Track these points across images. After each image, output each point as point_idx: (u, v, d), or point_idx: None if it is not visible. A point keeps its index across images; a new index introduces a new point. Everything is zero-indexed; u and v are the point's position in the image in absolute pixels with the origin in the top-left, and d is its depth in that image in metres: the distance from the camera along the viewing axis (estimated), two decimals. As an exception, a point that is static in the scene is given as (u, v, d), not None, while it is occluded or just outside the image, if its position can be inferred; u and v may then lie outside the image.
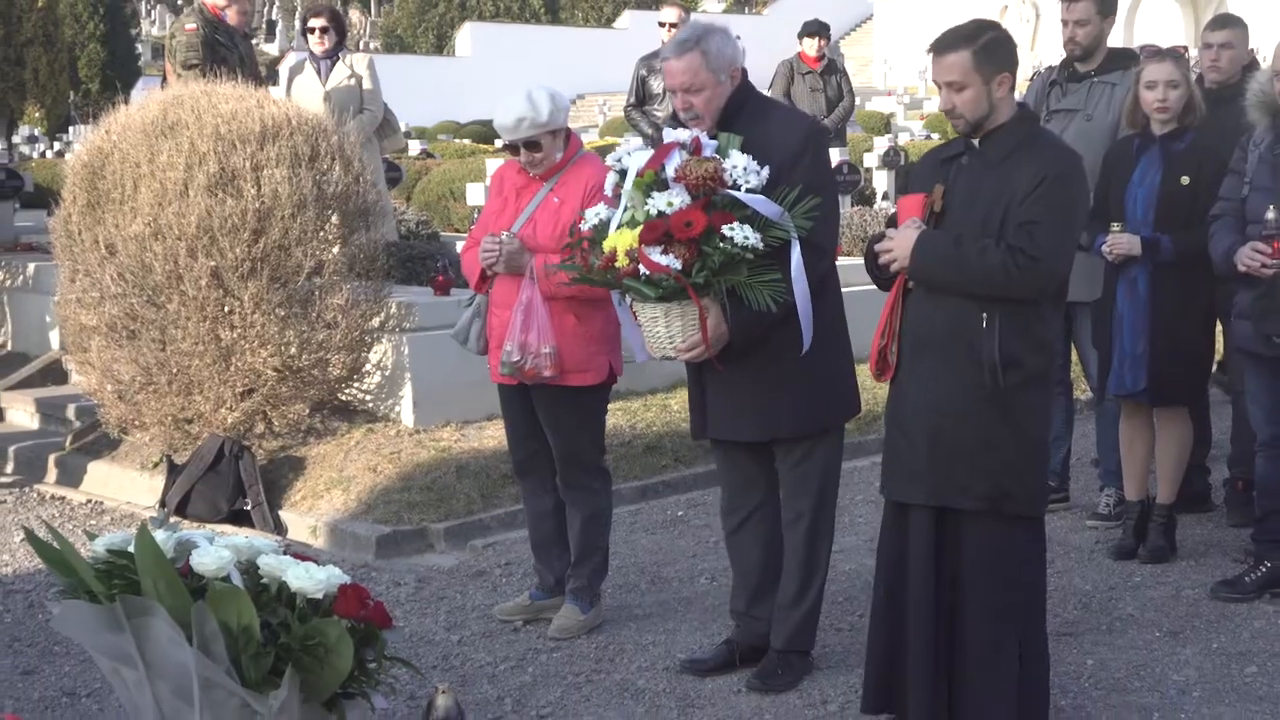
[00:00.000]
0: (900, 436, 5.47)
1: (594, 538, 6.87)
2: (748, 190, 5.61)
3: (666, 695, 6.12)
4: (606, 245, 5.74)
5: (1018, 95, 5.62)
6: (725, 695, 6.09)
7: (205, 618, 4.82)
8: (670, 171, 5.65)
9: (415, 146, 24.19)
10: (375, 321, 9.52)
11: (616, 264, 5.65)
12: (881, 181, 16.33)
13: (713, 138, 5.78)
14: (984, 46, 5.28)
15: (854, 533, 8.17)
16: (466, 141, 30.84)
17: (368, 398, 9.66)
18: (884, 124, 29.63)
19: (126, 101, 11.38)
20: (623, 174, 5.85)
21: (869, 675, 5.59)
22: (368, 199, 9.75)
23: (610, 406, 7.09)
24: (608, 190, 5.97)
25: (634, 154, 5.88)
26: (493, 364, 6.73)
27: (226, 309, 9.03)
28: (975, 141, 5.36)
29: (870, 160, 16.34)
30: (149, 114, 9.56)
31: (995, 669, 5.35)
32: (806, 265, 5.69)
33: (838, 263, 11.03)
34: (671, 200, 5.58)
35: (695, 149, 5.69)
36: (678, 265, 5.51)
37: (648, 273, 5.55)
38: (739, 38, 6.25)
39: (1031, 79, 8.30)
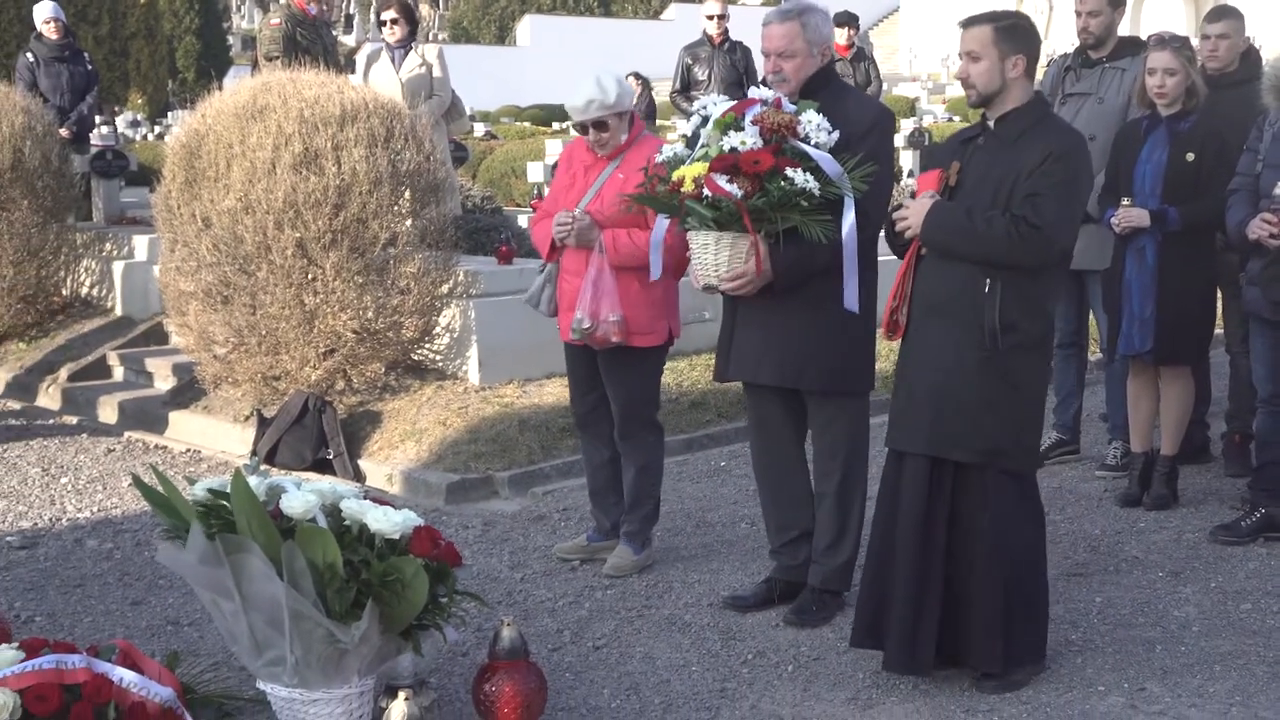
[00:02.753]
0: (906, 391, 5.49)
1: (647, 487, 6.89)
2: (816, 145, 5.61)
3: (710, 629, 6.13)
4: (675, 174, 5.74)
5: (1035, 82, 5.61)
6: (764, 629, 6.10)
7: (294, 555, 4.85)
8: (749, 119, 5.65)
9: (479, 129, 24.18)
10: (444, 288, 9.52)
11: (682, 189, 5.65)
12: (907, 160, 16.26)
13: (786, 99, 5.78)
14: (1005, 27, 5.34)
15: (875, 482, 8.13)
16: (526, 124, 30.82)
17: (437, 358, 9.68)
18: (909, 107, 29.48)
19: (219, 88, 11.41)
20: (705, 119, 5.84)
21: (859, 611, 5.60)
22: (437, 176, 9.76)
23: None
24: (687, 128, 6.00)
25: (718, 104, 5.88)
26: (562, 325, 6.75)
27: (310, 276, 9.05)
28: (991, 123, 5.37)
29: (897, 141, 16.26)
30: (240, 99, 9.58)
31: (984, 610, 5.33)
32: (855, 224, 5.66)
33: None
34: (745, 140, 5.59)
35: (777, 105, 5.71)
36: (739, 193, 5.51)
37: (710, 195, 5.55)
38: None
39: (1047, 65, 8.24)
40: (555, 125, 30.11)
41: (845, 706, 5.34)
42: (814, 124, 5.66)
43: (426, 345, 9.63)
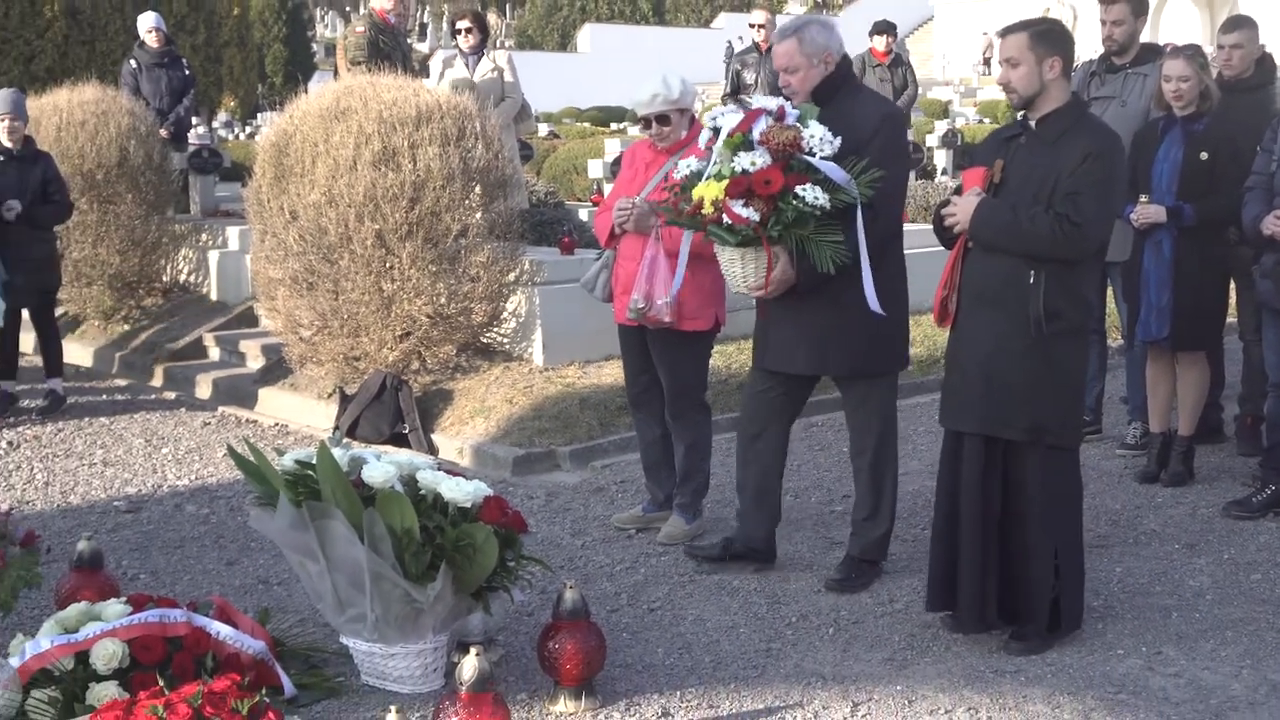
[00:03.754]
0: (958, 375, 5.48)
1: (697, 462, 6.87)
2: (821, 158, 5.57)
3: (757, 593, 6.11)
4: (695, 193, 5.70)
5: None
6: (807, 594, 6.08)
7: (375, 521, 4.88)
8: (756, 135, 5.61)
9: (543, 129, 24.17)
10: (511, 276, 9.53)
11: (703, 211, 5.63)
12: (941, 159, 16.21)
13: (789, 107, 5.74)
14: (1040, 32, 5.32)
15: (916, 459, 8.11)
16: (586, 125, 30.81)
17: (505, 340, 9.69)
18: (943, 110, 29.39)
19: (305, 92, 11.44)
20: (715, 131, 5.80)
21: (932, 579, 5.62)
22: (505, 173, 9.77)
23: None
24: (701, 144, 5.92)
25: (726, 115, 5.83)
26: (618, 308, 6.74)
27: (388, 265, 9.07)
28: (1032, 123, 5.34)
29: (931, 140, 16.23)
30: (324, 102, 9.61)
31: (1038, 573, 5.38)
32: (865, 228, 5.63)
33: (905, 228, 10.97)
34: (755, 160, 5.55)
35: (779, 116, 5.66)
36: (756, 217, 5.50)
37: (730, 221, 5.54)
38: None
39: (1075, 70, 8.21)
40: (613, 126, 30.10)
41: (882, 666, 5.32)
42: (817, 137, 5.60)
43: (494, 329, 9.64)
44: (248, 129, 34.96)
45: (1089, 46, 7.08)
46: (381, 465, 5.07)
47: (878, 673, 5.25)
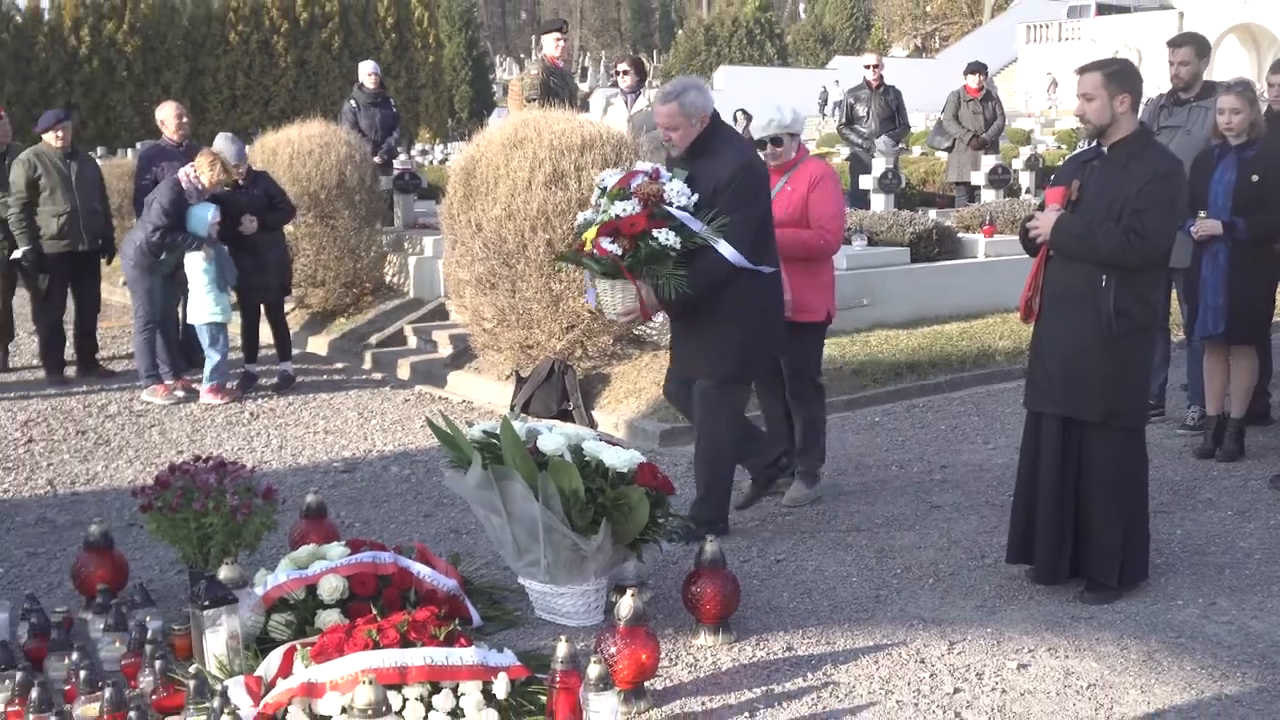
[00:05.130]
0: (1040, 365, 5.42)
1: (813, 435, 6.82)
2: (679, 208, 5.67)
3: (867, 549, 6.06)
4: (585, 236, 5.80)
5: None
6: (910, 550, 6.02)
7: (547, 483, 4.92)
8: (633, 188, 5.72)
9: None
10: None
11: (584, 248, 5.75)
12: (1025, 180, 15.92)
13: (669, 169, 5.86)
14: (1112, 72, 5.25)
15: (1004, 436, 8.00)
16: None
17: (653, 332, 9.69)
18: (1025, 138, 28.80)
19: (487, 125, 11.54)
20: (603, 190, 5.88)
21: (1012, 536, 5.59)
22: (655, 192, 9.77)
23: (827, 341, 7.05)
24: (592, 200, 6.04)
25: (610, 175, 5.93)
26: None
27: (557, 269, 9.12)
28: (1105, 149, 5.25)
29: (1017, 164, 15.93)
30: (505, 133, 9.68)
31: (1107, 534, 5.32)
32: (714, 259, 5.70)
33: (994, 239, 10.79)
34: (626, 207, 5.66)
35: (654, 176, 5.77)
36: (619, 252, 5.61)
37: (597, 255, 5.64)
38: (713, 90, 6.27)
39: (1145, 104, 8.05)
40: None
41: (974, 612, 5.26)
42: (676, 190, 5.70)
43: (645, 323, 9.64)
44: (440, 155, 35.37)
45: (1153, 83, 6.95)
46: (553, 436, 5.12)
47: (971, 617, 5.20)
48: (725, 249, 5.69)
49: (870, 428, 8.44)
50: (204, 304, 9.49)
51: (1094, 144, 5.42)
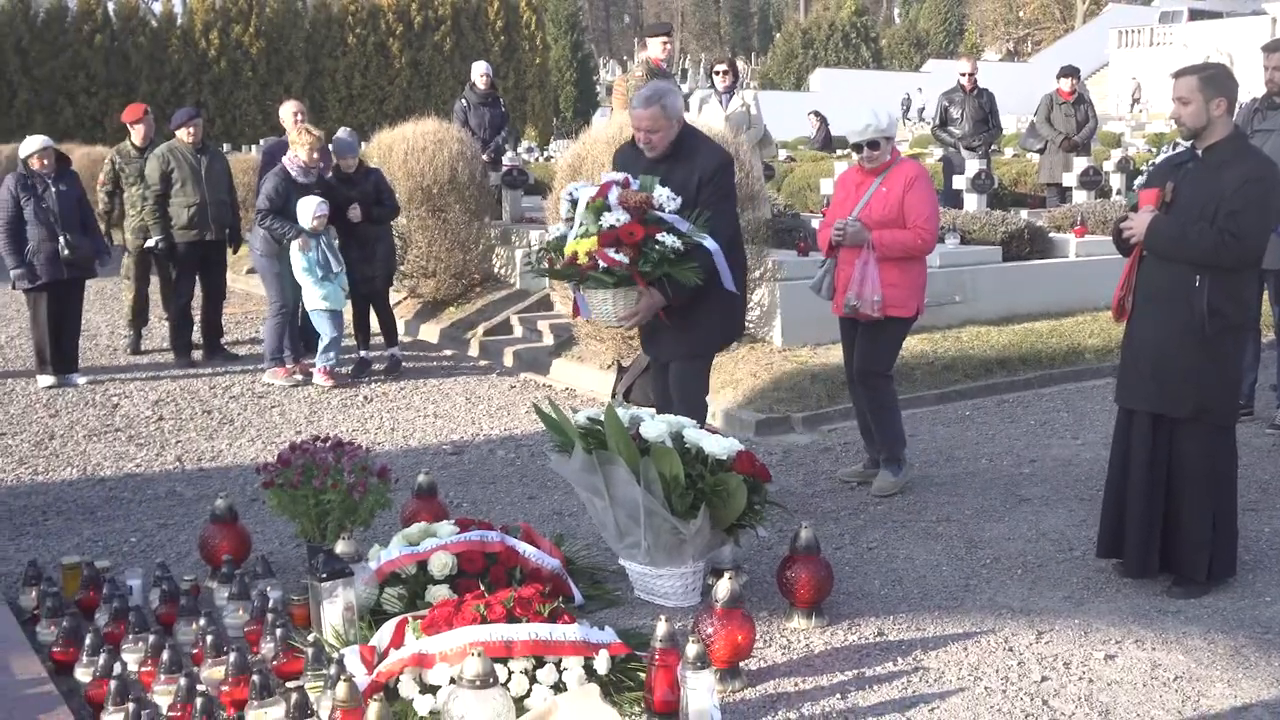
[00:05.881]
0: (1132, 362, 5.32)
1: (889, 422, 6.73)
2: (671, 211, 5.68)
3: (957, 539, 6.00)
4: (568, 250, 5.75)
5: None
6: (999, 541, 5.95)
7: (649, 468, 4.93)
8: (613, 199, 5.70)
9: (782, 154, 23.98)
10: (757, 273, 9.48)
11: (578, 262, 5.68)
12: (1115, 181, 15.60)
13: (635, 178, 5.84)
14: (1208, 76, 5.12)
15: (1093, 432, 7.86)
16: (818, 151, 30.46)
17: (750, 325, 9.66)
18: (1116, 140, 28.30)
19: (590, 124, 11.57)
20: (573, 202, 5.85)
21: (1102, 531, 5.48)
22: (754, 189, 9.72)
23: (915, 338, 7.00)
24: (562, 214, 5.96)
25: (581, 188, 5.89)
26: (837, 303, 6.68)
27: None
28: (1199, 152, 5.13)
29: (1108, 166, 15.63)
30: (609, 131, 9.70)
31: (1196, 530, 5.21)
32: (704, 254, 5.70)
33: (1085, 239, 10.62)
34: (619, 218, 5.64)
35: (626, 184, 5.76)
36: (626, 260, 5.59)
37: (605, 265, 5.60)
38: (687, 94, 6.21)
39: (1239, 108, 7.87)
40: (839, 151, 29.70)
41: (1062, 603, 5.18)
42: (665, 195, 5.71)
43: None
44: (545, 153, 35.57)
45: (1246, 88, 6.77)
46: (655, 423, 5.12)
47: (1058, 608, 5.12)
48: (709, 243, 5.75)
49: (960, 421, 8.33)
50: (310, 292, 9.64)
51: (1190, 147, 5.29)
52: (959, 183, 13.42)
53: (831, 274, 6.75)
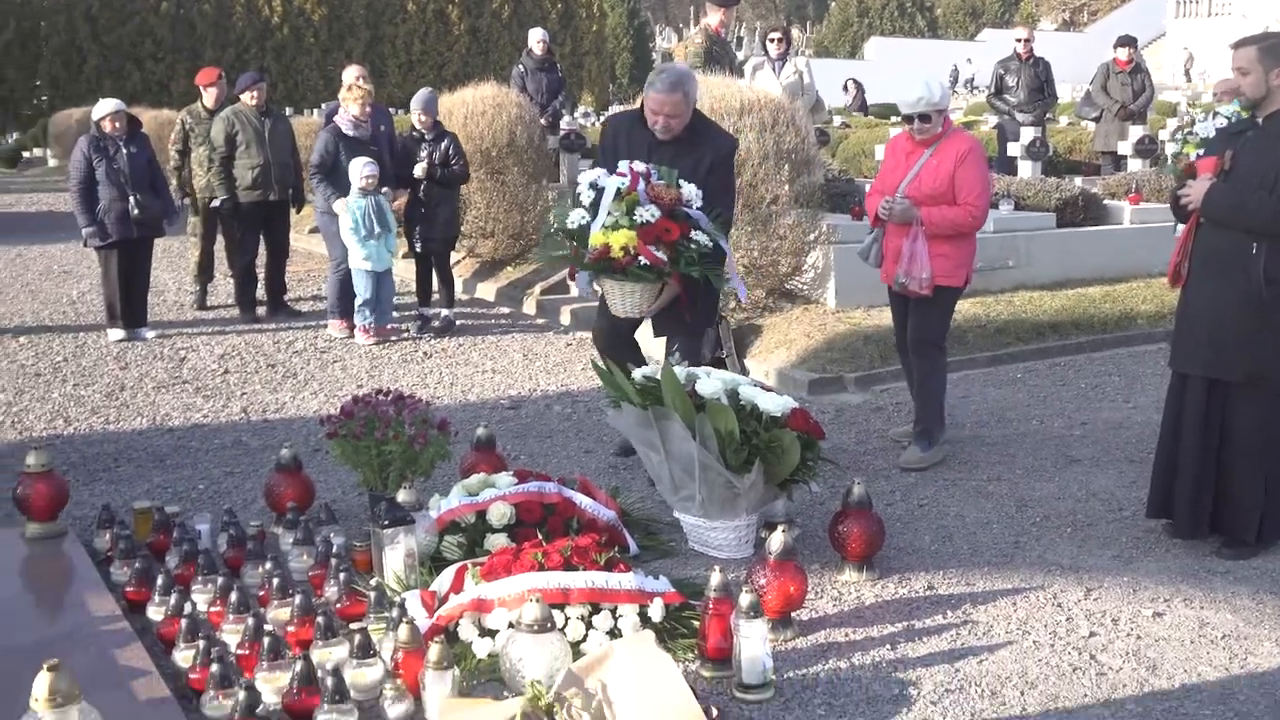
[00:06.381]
0: (1187, 328, 5.25)
1: (932, 394, 6.54)
2: (697, 209, 5.80)
3: (1008, 497, 5.97)
4: (594, 240, 5.71)
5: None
6: (1049, 500, 5.91)
7: (704, 424, 4.94)
8: (643, 193, 5.72)
9: (837, 120, 23.77)
10: (811, 236, 9.46)
11: (611, 255, 5.67)
12: (1170, 149, 15.40)
13: (646, 161, 5.91)
14: (1268, 47, 5.02)
15: (1144, 395, 7.79)
16: (872, 117, 30.22)
17: (804, 287, 9.64)
18: (1171, 110, 27.83)
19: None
20: (597, 188, 5.82)
21: (1152, 491, 5.44)
22: (808, 154, 9.67)
23: (968, 302, 6.90)
24: (584, 200, 5.88)
25: (608, 179, 5.82)
26: (886, 271, 6.59)
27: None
28: (1259, 120, 5.06)
29: (1163, 135, 15.41)
30: (668, 95, 9.67)
31: (1247, 493, 5.16)
32: (719, 250, 5.91)
33: (1139, 207, 10.47)
34: (653, 213, 5.67)
35: (646, 176, 5.79)
36: (665, 258, 5.66)
37: (646, 262, 5.65)
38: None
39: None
40: (893, 119, 29.44)
41: (1111, 561, 5.15)
42: (692, 192, 5.81)
43: (797, 278, 9.59)
44: (601, 118, 35.51)
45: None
46: (711, 381, 5.13)
47: (1107, 566, 5.09)
48: (724, 243, 5.93)
49: (1012, 383, 8.27)
50: (353, 251, 9.65)
51: (1250, 116, 5.21)
52: (1013, 150, 13.28)
53: (879, 243, 6.66)
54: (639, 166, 5.85)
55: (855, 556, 4.90)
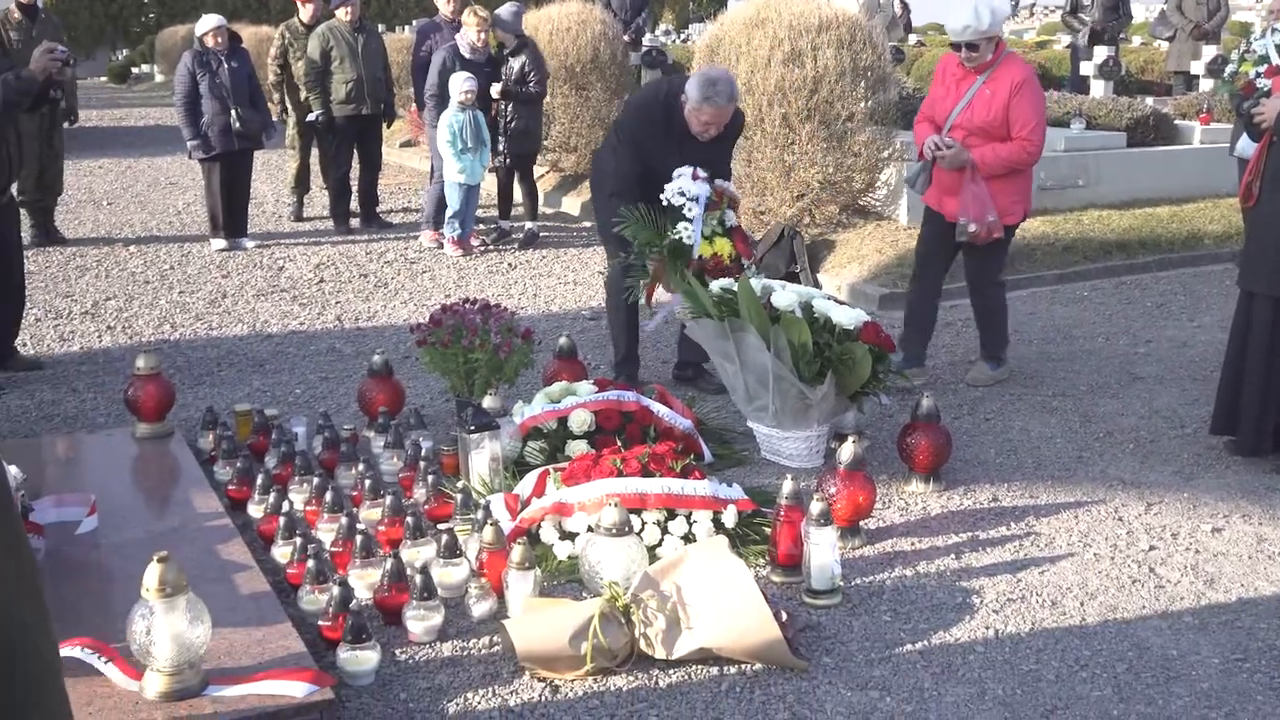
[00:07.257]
0: (1256, 246, 5.10)
1: (997, 325, 6.33)
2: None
3: (1072, 412, 5.87)
4: (704, 251, 5.63)
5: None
6: (1113, 416, 5.81)
7: (779, 336, 4.90)
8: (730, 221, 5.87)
9: (912, 39, 23.26)
10: (885, 153, 9.30)
11: (725, 263, 5.63)
12: (1229, 68, 14.90)
13: (677, 152, 5.81)
14: None
15: (1209, 315, 7.61)
16: (947, 35, 29.62)
17: (877, 204, 9.50)
18: (1245, 30, 26.97)
19: (726, 6, 11.32)
20: (691, 198, 5.62)
21: (1217, 408, 5.31)
22: (885, 71, 9.47)
23: (1037, 220, 6.68)
24: (687, 211, 5.63)
25: (692, 185, 5.63)
26: (930, 199, 6.19)
27: (790, 141, 8.99)
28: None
29: (1234, 56, 14.90)
30: (746, 12, 9.49)
31: None
32: None
33: (1210, 127, 10.19)
34: (733, 217, 5.88)
35: (710, 180, 5.74)
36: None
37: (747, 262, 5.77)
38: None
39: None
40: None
41: (1172, 477, 5.06)
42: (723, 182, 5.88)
43: (870, 194, 9.45)
44: (682, 35, 35.08)
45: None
46: (786, 294, 5.07)
47: (1168, 482, 5.00)
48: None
49: (1078, 301, 8.11)
50: (449, 164, 9.63)
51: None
52: (1086, 69, 12.91)
53: (928, 171, 6.17)
54: (701, 171, 5.70)
55: (922, 468, 4.86)
